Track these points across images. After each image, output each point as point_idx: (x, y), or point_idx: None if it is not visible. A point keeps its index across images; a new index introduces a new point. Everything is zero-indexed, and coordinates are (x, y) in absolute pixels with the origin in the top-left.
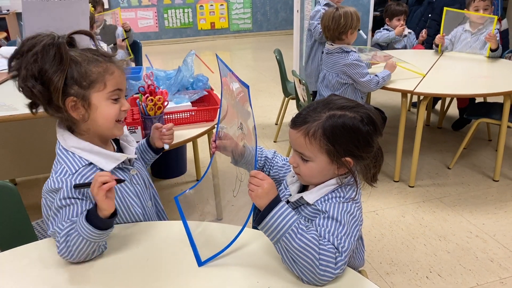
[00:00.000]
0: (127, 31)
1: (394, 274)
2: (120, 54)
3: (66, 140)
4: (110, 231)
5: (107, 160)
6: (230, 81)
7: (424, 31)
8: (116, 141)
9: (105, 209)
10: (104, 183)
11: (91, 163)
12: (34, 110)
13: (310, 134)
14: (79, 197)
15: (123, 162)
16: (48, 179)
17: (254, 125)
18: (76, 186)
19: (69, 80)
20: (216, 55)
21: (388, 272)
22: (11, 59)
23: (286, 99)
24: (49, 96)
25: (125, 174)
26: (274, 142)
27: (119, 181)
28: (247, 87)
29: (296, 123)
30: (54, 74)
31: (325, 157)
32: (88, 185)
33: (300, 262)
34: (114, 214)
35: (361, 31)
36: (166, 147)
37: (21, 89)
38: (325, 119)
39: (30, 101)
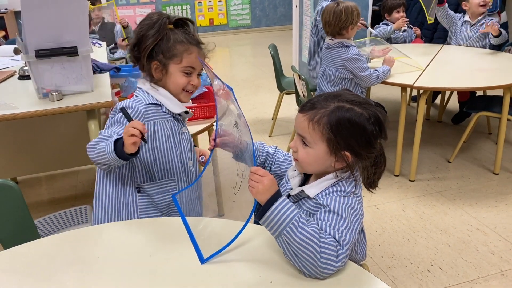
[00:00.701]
0: (125, 27)
1: (396, 267)
2: (120, 54)
3: (145, 85)
4: (124, 162)
5: (174, 105)
6: (213, 80)
7: (414, 28)
8: None
9: (128, 150)
10: (132, 135)
11: (160, 104)
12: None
13: (314, 120)
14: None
15: (180, 115)
16: (122, 101)
17: (246, 123)
18: (123, 110)
19: (158, 50)
20: (198, 58)
21: (390, 266)
22: (139, 25)
23: (281, 94)
24: (140, 54)
25: (179, 125)
26: (269, 136)
27: (144, 140)
28: (231, 89)
29: (304, 108)
30: (149, 38)
31: (325, 146)
32: (130, 119)
33: (302, 256)
34: (135, 154)
35: (369, 28)
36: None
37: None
38: (333, 109)
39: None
